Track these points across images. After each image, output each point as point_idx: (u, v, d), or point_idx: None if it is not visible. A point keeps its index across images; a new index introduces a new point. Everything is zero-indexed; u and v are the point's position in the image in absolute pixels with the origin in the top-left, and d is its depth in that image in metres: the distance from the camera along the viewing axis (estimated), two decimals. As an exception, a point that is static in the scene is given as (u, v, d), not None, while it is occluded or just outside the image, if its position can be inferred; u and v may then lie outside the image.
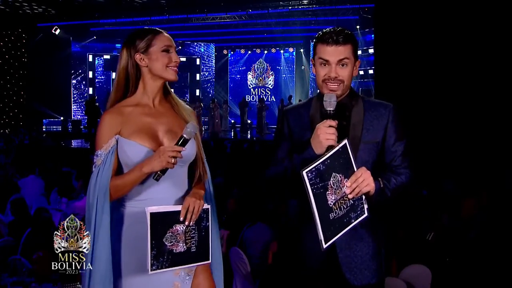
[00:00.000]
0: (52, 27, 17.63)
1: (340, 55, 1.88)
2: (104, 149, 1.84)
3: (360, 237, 1.90)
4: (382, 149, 1.92)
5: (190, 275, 1.92)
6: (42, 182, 6.77)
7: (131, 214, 1.89)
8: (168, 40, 1.92)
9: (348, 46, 1.88)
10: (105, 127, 1.86)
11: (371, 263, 1.91)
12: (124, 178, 1.82)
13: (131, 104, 1.92)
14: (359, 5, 14.65)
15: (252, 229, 4.32)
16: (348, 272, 1.89)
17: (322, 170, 1.61)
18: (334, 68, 1.88)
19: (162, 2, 16.40)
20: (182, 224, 1.81)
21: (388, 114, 1.91)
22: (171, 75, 1.92)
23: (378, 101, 1.98)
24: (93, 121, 13.81)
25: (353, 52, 1.90)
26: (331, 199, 1.65)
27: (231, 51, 20.59)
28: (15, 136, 14.17)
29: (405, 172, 1.89)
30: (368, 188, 1.72)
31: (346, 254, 1.89)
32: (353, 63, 1.91)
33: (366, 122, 1.91)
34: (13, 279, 3.45)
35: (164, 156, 1.74)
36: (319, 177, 1.60)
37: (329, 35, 1.88)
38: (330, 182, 1.64)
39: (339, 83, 1.88)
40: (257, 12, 16.49)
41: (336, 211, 1.66)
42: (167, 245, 1.77)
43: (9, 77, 17.57)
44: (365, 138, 1.89)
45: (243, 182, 6.59)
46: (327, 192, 1.63)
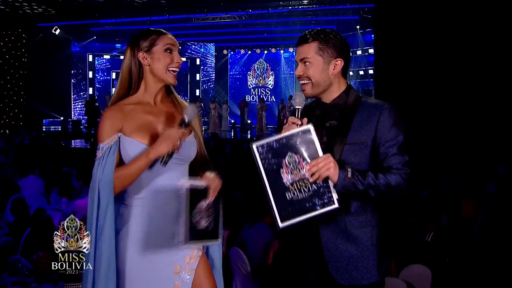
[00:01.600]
0: (52, 27, 17.63)
1: (300, 54, 1.91)
2: (106, 143, 1.84)
3: (347, 237, 1.86)
4: (374, 150, 1.86)
5: (191, 275, 1.91)
6: (42, 182, 6.77)
7: (132, 212, 1.89)
8: (171, 40, 1.94)
9: (310, 45, 1.89)
10: (106, 122, 1.87)
11: (360, 264, 1.86)
12: (129, 167, 1.81)
13: (132, 102, 1.93)
14: (359, 5, 14.65)
15: (252, 229, 4.32)
16: (335, 272, 1.88)
17: (275, 147, 1.65)
18: (298, 67, 1.92)
19: (162, 2, 16.40)
20: (205, 200, 1.83)
21: (379, 115, 1.85)
22: (170, 79, 1.94)
23: (373, 102, 1.92)
24: (93, 121, 13.81)
25: (319, 50, 1.88)
26: (287, 179, 1.68)
27: (231, 51, 20.59)
28: (15, 136, 14.16)
29: (396, 174, 1.81)
30: (327, 173, 1.71)
31: (332, 253, 1.87)
32: (321, 61, 1.89)
33: (355, 123, 1.87)
34: (13, 279, 3.45)
35: (170, 139, 1.77)
36: (271, 153, 1.65)
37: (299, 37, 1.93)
38: (285, 160, 1.67)
39: (306, 81, 1.91)
40: (257, 12, 16.50)
41: (295, 192, 1.69)
42: (193, 221, 1.80)
43: (9, 77, 17.57)
44: (350, 139, 1.85)
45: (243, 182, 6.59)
46: (281, 170, 1.67)
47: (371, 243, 1.88)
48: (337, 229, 1.87)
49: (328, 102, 1.94)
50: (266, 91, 20.09)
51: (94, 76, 19.72)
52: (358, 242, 1.87)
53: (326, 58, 1.89)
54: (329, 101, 1.94)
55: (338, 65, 1.91)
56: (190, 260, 1.91)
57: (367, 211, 1.87)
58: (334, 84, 1.93)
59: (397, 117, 1.87)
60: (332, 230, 1.88)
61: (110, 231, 1.80)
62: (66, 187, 6.17)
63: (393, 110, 1.88)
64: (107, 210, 1.79)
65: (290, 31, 17.84)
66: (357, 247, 1.87)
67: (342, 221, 1.87)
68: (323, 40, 1.89)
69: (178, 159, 1.87)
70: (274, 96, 19.74)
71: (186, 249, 1.89)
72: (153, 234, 1.87)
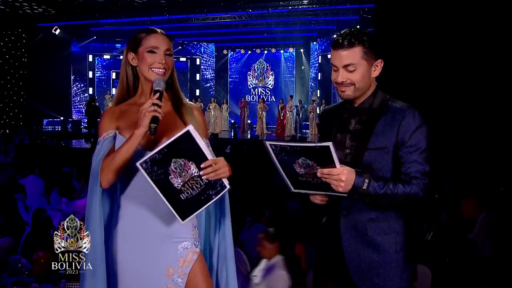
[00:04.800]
0: (52, 27, 17.63)
1: (344, 60, 1.82)
2: (102, 137, 1.87)
3: (369, 243, 1.83)
4: (396, 156, 1.80)
5: (184, 278, 1.88)
6: (42, 182, 6.76)
7: (124, 212, 1.88)
8: (155, 41, 1.89)
9: (355, 49, 1.81)
10: (104, 121, 1.91)
11: (382, 271, 1.83)
12: (120, 148, 1.79)
13: (128, 103, 1.95)
14: (359, 5, 14.65)
15: (249, 230, 4.32)
16: (356, 276, 1.85)
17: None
18: (340, 73, 1.83)
19: (162, 2, 16.40)
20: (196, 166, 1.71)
21: (401, 119, 1.79)
22: (153, 77, 1.88)
23: (399, 106, 1.86)
24: (93, 121, 13.81)
25: (364, 54, 1.82)
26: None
27: (231, 51, 20.59)
28: (15, 136, 14.16)
29: (415, 182, 1.75)
30: (338, 188, 1.70)
31: (353, 258, 1.85)
32: (366, 65, 1.83)
33: (378, 127, 1.82)
34: (13, 279, 3.44)
35: (144, 111, 1.74)
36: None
37: (336, 38, 1.84)
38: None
39: (349, 85, 1.84)
40: (257, 12, 16.49)
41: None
42: (170, 167, 1.69)
43: (9, 77, 17.57)
44: (372, 144, 1.81)
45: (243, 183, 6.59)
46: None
47: (394, 250, 1.83)
48: (358, 236, 1.84)
49: (356, 105, 1.90)
50: (266, 91, 20.09)
51: (94, 76, 19.72)
52: (380, 249, 1.83)
53: (370, 61, 1.84)
54: (357, 103, 1.90)
55: (378, 67, 1.87)
56: (184, 263, 1.88)
57: (390, 217, 1.83)
58: (371, 87, 1.90)
59: (422, 123, 1.80)
60: (354, 236, 1.85)
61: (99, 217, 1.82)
62: (66, 187, 6.18)
63: (418, 115, 1.81)
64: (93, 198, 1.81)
65: (290, 31, 17.87)
66: (379, 254, 1.83)
67: (364, 228, 1.84)
68: (367, 43, 1.82)
69: None
70: (274, 96, 19.73)
71: (181, 252, 1.88)
72: (146, 234, 1.87)
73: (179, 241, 1.89)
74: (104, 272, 1.82)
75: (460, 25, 8.04)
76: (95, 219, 1.82)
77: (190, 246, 1.90)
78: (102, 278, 1.81)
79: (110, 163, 1.78)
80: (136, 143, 1.77)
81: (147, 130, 1.74)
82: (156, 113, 1.74)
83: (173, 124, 1.91)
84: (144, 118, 1.74)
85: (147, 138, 1.84)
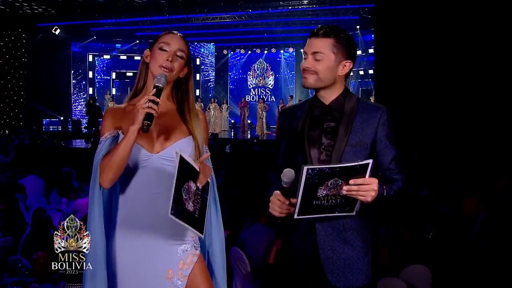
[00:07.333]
0: (52, 27, 17.62)
1: (314, 47, 1.86)
2: (104, 137, 1.86)
3: (344, 240, 1.87)
4: (373, 152, 1.87)
5: (183, 281, 1.87)
6: (42, 182, 6.76)
7: (123, 213, 1.88)
8: (168, 38, 1.91)
9: (326, 40, 1.85)
10: (107, 119, 1.90)
11: (356, 266, 1.87)
12: (117, 146, 1.78)
13: (133, 103, 1.91)
14: (359, 5, 14.65)
15: (249, 230, 4.32)
16: (330, 274, 1.87)
17: (326, 171, 1.65)
18: (308, 60, 1.88)
19: (162, 2, 16.40)
20: (194, 183, 1.75)
21: (380, 117, 1.86)
22: None
23: (372, 104, 1.94)
24: (93, 121, 13.80)
25: (334, 47, 1.86)
26: (322, 193, 1.68)
27: (231, 51, 20.58)
28: (15, 136, 14.16)
29: (399, 177, 1.85)
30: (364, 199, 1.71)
31: (328, 256, 1.87)
32: (333, 59, 1.86)
33: (355, 124, 1.87)
34: (13, 279, 3.45)
35: (139, 107, 1.73)
36: (318, 175, 1.64)
37: (314, 29, 1.90)
38: (328, 182, 1.67)
39: (312, 73, 1.87)
40: (257, 12, 16.49)
41: (322, 202, 1.70)
42: (183, 197, 1.71)
43: (9, 77, 17.56)
44: (352, 141, 1.86)
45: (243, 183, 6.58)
46: (320, 187, 1.67)
47: (366, 244, 1.88)
48: (334, 232, 1.87)
49: (327, 103, 1.92)
50: (266, 91, 20.08)
51: (94, 76, 19.70)
52: (355, 244, 1.87)
53: (338, 57, 1.87)
54: (328, 102, 1.92)
55: (346, 67, 1.90)
56: (184, 266, 1.88)
57: (365, 213, 1.86)
58: (336, 85, 1.92)
59: (395, 121, 1.90)
60: (329, 233, 1.87)
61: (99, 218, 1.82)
62: (66, 187, 6.18)
63: (392, 113, 1.90)
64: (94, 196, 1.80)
65: (290, 31, 17.86)
66: (354, 249, 1.87)
67: (340, 223, 1.87)
68: (342, 39, 1.86)
69: (170, 160, 1.82)
70: (274, 96, 19.73)
71: (180, 254, 1.88)
72: (145, 237, 1.85)
73: (179, 244, 1.88)
74: (105, 272, 1.82)
75: (460, 25, 8.04)
76: (95, 219, 1.81)
77: (190, 249, 1.90)
78: (103, 279, 1.81)
79: (109, 162, 1.77)
80: (132, 139, 1.75)
81: (141, 127, 1.73)
82: (151, 110, 1.72)
83: (172, 126, 1.90)
84: (138, 114, 1.73)
85: (148, 142, 1.84)
